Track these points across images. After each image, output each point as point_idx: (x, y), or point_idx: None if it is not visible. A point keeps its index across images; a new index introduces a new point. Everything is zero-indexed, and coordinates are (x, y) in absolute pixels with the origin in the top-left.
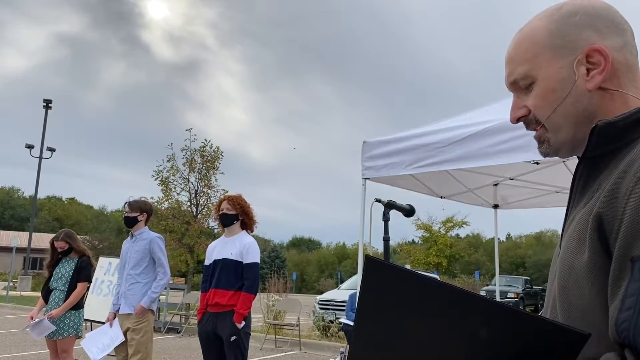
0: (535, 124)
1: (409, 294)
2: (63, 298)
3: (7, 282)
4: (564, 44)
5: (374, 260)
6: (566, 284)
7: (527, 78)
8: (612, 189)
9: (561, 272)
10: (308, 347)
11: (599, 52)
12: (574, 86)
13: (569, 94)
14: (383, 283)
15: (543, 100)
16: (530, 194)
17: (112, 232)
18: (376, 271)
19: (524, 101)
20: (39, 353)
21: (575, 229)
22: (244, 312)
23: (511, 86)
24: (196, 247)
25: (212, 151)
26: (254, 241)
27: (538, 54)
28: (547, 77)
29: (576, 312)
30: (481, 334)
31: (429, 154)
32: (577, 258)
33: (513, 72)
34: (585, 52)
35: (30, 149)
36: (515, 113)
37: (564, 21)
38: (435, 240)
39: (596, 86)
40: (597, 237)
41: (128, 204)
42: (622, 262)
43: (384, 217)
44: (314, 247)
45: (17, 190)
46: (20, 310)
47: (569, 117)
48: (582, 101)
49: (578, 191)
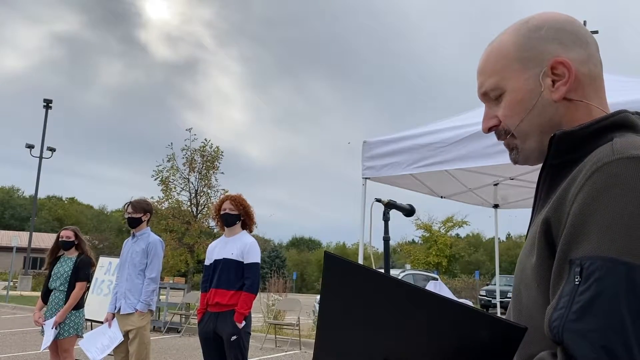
0: (505, 134)
1: (363, 289)
2: (63, 298)
3: (7, 281)
4: (531, 56)
5: (331, 255)
6: (519, 284)
7: (496, 89)
8: (561, 195)
9: (516, 273)
10: (308, 346)
11: (562, 65)
12: (540, 97)
13: (536, 104)
14: (340, 279)
15: (511, 110)
16: (530, 194)
17: (112, 232)
18: (333, 267)
19: (495, 112)
20: (38, 353)
21: (531, 232)
22: (244, 312)
23: (482, 97)
24: (196, 246)
25: (212, 151)
26: (254, 241)
27: (506, 66)
28: (515, 88)
29: (525, 311)
30: (430, 327)
31: (429, 153)
32: (528, 260)
33: (483, 83)
34: (551, 64)
35: (30, 148)
36: (487, 123)
37: (530, 35)
38: (435, 240)
39: (561, 97)
40: (544, 241)
41: (131, 205)
42: (562, 264)
43: (384, 216)
44: (314, 247)
45: (17, 190)
46: (21, 310)
47: (535, 127)
48: (548, 111)
49: (542, 197)
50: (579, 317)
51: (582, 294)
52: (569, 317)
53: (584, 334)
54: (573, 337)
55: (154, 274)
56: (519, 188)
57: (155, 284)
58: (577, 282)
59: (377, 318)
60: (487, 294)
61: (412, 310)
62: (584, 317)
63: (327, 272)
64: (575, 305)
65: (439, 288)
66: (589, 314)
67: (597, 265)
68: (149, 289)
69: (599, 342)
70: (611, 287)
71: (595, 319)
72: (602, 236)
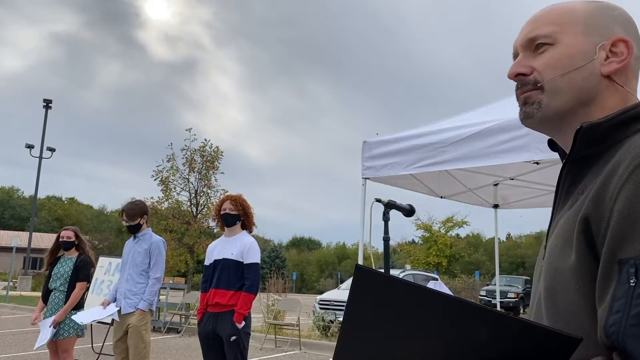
0: (532, 85)
1: (401, 304)
2: (63, 299)
3: (7, 282)
4: (597, 26)
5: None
6: (552, 286)
7: (549, 37)
8: (599, 191)
9: (547, 274)
10: (308, 347)
11: (625, 43)
12: (591, 63)
13: (584, 66)
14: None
15: (557, 62)
16: (530, 194)
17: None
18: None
19: (530, 62)
20: (39, 353)
21: (561, 230)
22: (244, 312)
23: (526, 43)
24: (196, 246)
25: (212, 151)
26: (254, 241)
27: (570, 22)
28: (570, 44)
29: (562, 314)
30: (474, 341)
31: (429, 154)
32: (563, 260)
33: (536, 28)
34: (613, 40)
35: (30, 148)
36: (517, 68)
37: (603, 10)
38: (435, 240)
39: (609, 72)
40: (584, 240)
41: (125, 214)
42: (609, 265)
43: (384, 217)
44: (314, 247)
45: (17, 190)
46: (21, 310)
47: (574, 88)
48: (592, 80)
49: (563, 193)
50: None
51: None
52: (628, 321)
53: None
54: (637, 343)
55: (158, 273)
56: (519, 188)
57: (160, 283)
58: (632, 284)
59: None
60: (487, 294)
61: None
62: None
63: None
64: (635, 308)
65: (439, 288)
66: None
67: None
68: (153, 288)
69: None
70: None
71: None
72: None
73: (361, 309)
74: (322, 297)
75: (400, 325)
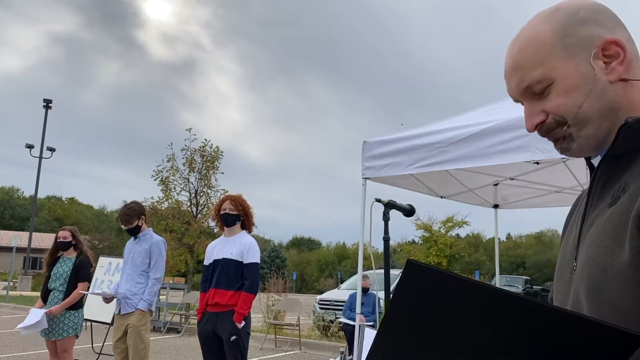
0: (557, 125)
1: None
2: (62, 298)
3: (7, 281)
4: (575, 41)
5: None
6: (599, 285)
7: (543, 81)
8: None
9: (592, 274)
10: (308, 346)
11: (615, 44)
12: (596, 80)
13: (593, 88)
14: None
15: (568, 97)
16: (530, 194)
17: (112, 232)
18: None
19: (540, 106)
20: (38, 353)
21: (607, 227)
22: (244, 312)
23: (523, 93)
24: (196, 246)
25: (212, 151)
26: (254, 241)
27: (550, 54)
28: (567, 75)
29: (614, 314)
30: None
31: (429, 154)
32: (613, 258)
33: (525, 78)
34: (601, 45)
35: (30, 148)
36: (534, 120)
37: (568, 20)
38: (435, 240)
39: (618, 77)
40: (639, 237)
41: (120, 219)
42: None
43: (384, 217)
44: (314, 247)
45: (17, 190)
46: (21, 310)
47: (595, 112)
48: (607, 94)
49: (598, 190)
50: None
51: None
52: None
53: None
54: None
55: (159, 274)
56: (519, 188)
57: (160, 284)
58: None
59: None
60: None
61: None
62: None
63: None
64: None
65: None
66: None
67: None
68: (153, 289)
69: None
70: None
71: None
72: None
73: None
74: (322, 297)
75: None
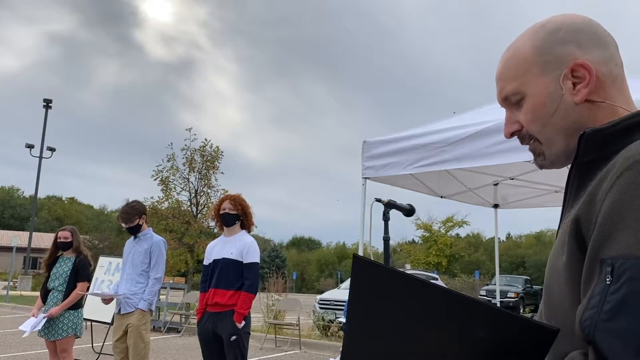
0: (528, 138)
1: (397, 294)
2: (61, 298)
3: (7, 281)
4: (550, 59)
5: (361, 259)
6: (549, 284)
7: (517, 94)
8: (591, 193)
9: (546, 273)
10: (308, 346)
11: (582, 67)
12: (562, 100)
13: (558, 108)
14: (372, 283)
15: (533, 115)
16: (530, 193)
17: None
18: (361, 270)
19: (516, 116)
20: (39, 353)
21: (561, 231)
22: (244, 312)
23: (503, 102)
24: (196, 246)
25: (212, 151)
26: (253, 241)
27: (526, 70)
28: (536, 92)
29: (558, 311)
30: (465, 331)
31: (429, 153)
32: (558, 259)
33: (503, 89)
34: (570, 66)
35: (30, 148)
36: (509, 128)
37: (548, 38)
38: (435, 239)
39: (582, 99)
40: (575, 240)
41: (121, 218)
42: (592, 264)
43: (384, 216)
44: (314, 247)
45: (17, 190)
46: (21, 310)
47: (559, 130)
48: (571, 114)
49: (571, 196)
50: (611, 317)
51: (614, 293)
52: (600, 317)
53: (617, 333)
54: (605, 337)
55: (159, 274)
56: (519, 188)
57: (160, 284)
58: (608, 282)
59: (409, 322)
60: (487, 294)
61: (445, 314)
62: (616, 317)
63: (355, 277)
64: (607, 305)
65: None
66: (620, 313)
67: (629, 265)
68: (153, 288)
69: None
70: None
71: (628, 318)
72: (634, 235)
73: (361, 302)
74: (322, 297)
75: (400, 318)
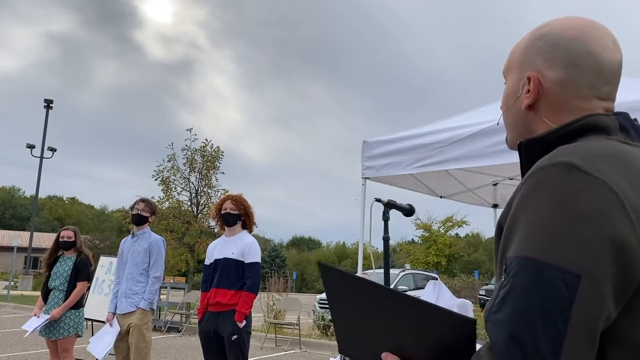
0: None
1: (351, 292)
2: (62, 297)
3: (8, 281)
4: (525, 61)
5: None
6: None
7: (504, 77)
8: (510, 199)
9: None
10: (308, 346)
11: (533, 79)
12: (517, 100)
13: (513, 105)
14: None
15: (503, 100)
16: None
17: (113, 232)
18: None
19: None
20: (39, 353)
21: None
22: (245, 312)
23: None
24: (197, 246)
25: (212, 151)
26: (255, 241)
27: (514, 60)
28: (509, 82)
29: None
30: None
31: (429, 153)
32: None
33: (504, 65)
34: (528, 75)
35: (31, 148)
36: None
37: (532, 43)
38: (434, 239)
39: (525, 106)
40: (496, 244)
41: (144, 203)
42: (500, 265)
43: (384, 216)
44: (314, 247)
45: (18, 190)
46: (22, 310)
47: (510, 125)
48: (520, 115)
49: None
50: (497, 309)
51: (502, 288)
52: (491, 309)
53: (499, 323)
54: (491, 326)
55: (158, 272)
56: None
57: (160, 282)
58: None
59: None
60: (486, 294)
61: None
62: (500, 309)
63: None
64: (497, 299)
65: (439, 288)
66: (503, 305)
67: (514, 264)
68: (153, 287)
69: (508, 330)
70: (522, 282)
71: (507, 309)
72: (522, 237)
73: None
74: (322, 297)
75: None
